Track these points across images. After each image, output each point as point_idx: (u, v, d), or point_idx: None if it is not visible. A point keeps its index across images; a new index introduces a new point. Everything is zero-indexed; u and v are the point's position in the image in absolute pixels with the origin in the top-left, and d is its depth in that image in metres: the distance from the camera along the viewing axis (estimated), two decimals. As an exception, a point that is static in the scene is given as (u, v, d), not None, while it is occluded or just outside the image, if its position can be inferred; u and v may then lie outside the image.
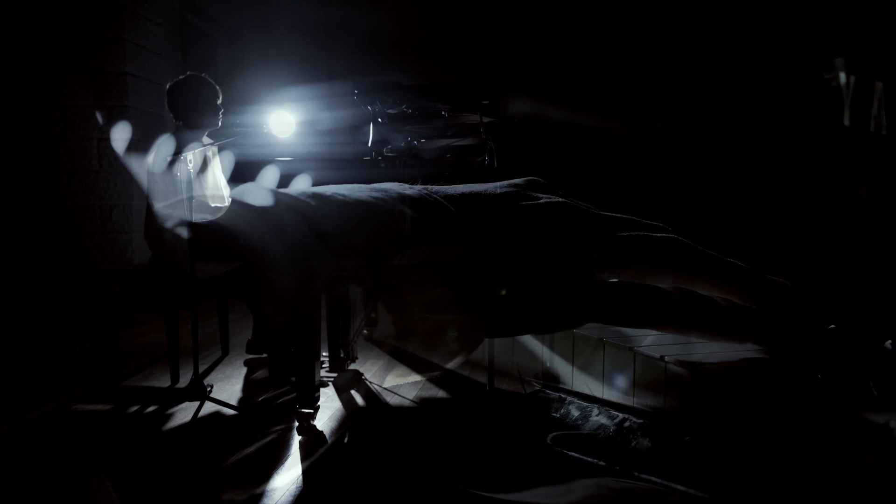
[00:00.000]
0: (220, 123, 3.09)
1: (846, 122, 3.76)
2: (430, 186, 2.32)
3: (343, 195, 2.22)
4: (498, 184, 2.39)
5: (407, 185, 2.37)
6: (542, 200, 2.36)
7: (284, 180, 2.99)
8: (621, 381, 2.67)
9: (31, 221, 4.26)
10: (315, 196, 2.21)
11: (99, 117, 4.19)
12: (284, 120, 3.11)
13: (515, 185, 2.44)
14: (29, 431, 2.45)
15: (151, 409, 2.69)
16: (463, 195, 2.31)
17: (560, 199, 2.42)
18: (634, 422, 2.38)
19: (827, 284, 2.76)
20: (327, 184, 2.44)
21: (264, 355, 3.31)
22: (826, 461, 1.96)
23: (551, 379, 2.90)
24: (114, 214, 4.31)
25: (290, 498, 1.92)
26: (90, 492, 1.97)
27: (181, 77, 3.06)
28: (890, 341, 2.37)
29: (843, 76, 3.82)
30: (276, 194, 2.23)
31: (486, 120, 2.44)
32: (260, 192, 2.27)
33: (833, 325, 2.56)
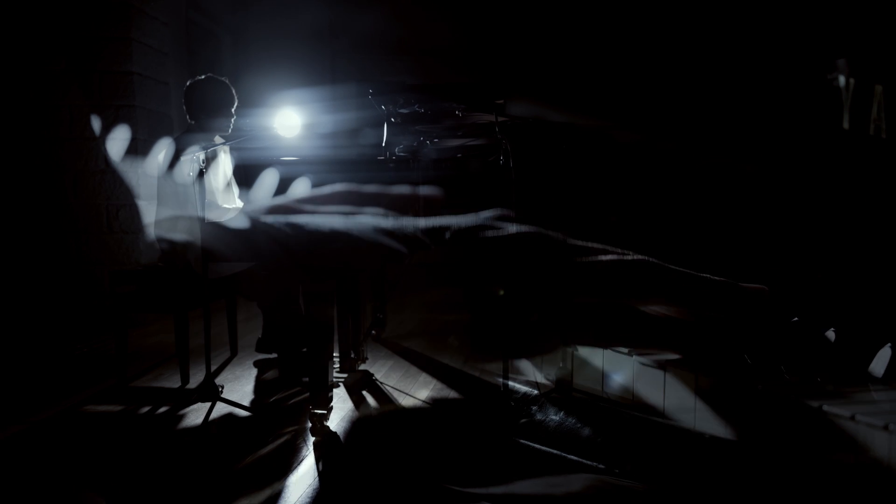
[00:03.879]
0: (231, 129, 3.08)
1: (845, 125, 3.75)
2: (403, 219, 2.40)
3: (317, 224, 2.32)
4: (465, 216, 2.45)
5: (382, 219, 2.44)
6: (510, 230, 2.44)
7: (291, 182, 2.98)
8: (620, 382, 2.69)
9: (38, 221, 4.25)
10: (290, 225, 2.33)
11: (96, 127, 4.18)
12: (292, 120, 3.10)
13: (484, 218, 2.50)
14: (40, 433, 2.44)
15: (163, 409, 2.68)
16: (433, 228, 2.39)
17: (527, 229, 2.48)
18: (633, 423, 2.41)
19: (827, 286, 2.78)
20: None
21: (274, 355, 3.30)
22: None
23: (569, 383, 2.89)
24: (120, 214, 4.29)
25: (307, 500, 1.91)
26: None
27: (200, 78, 3.05)
28: (889, 343, 2.38)
29: (842, 79, 3.81)
30: (254, 222, 2.35)
31: (500, 119, 2.43)
32: (240, 218, 2.38)
33: (832, 328, 2.57)
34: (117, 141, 4.25)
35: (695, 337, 2.63)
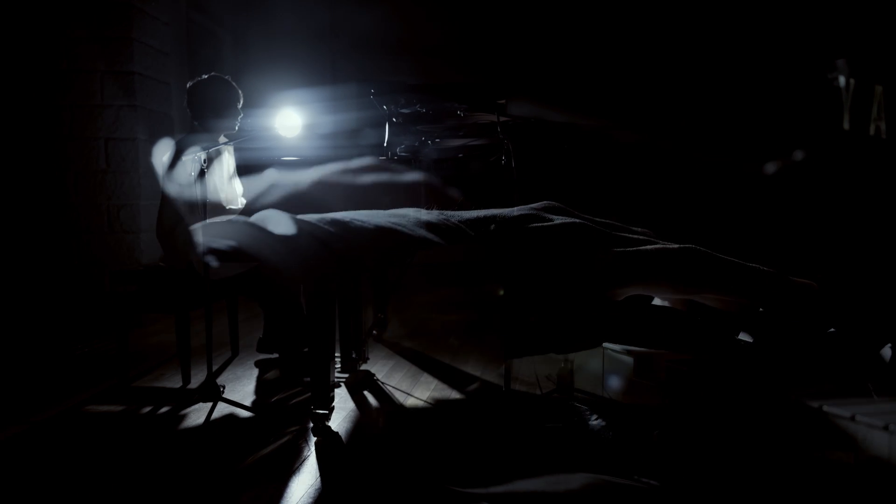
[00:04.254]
0: (236, 127, 3.07)
1: (846, 125, 3.76)
2: (446, 211, 2.32)
3: (361, 221, 2.22)
4: (516, 208, 2.39)
5: (424, 211, 2.37)
6: (556, 221, 2.37)
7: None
8: (619, 382, 2.69)
9: (39, 221, 4.25)
10: (334, 223, 2.21)
11: (97, 127, 4.17)
12: (293, 120, 3.10)
13: (532, 208, 2.44)
14: (41, 433, 2.44)
15: (164, 409, 2.68)
16: (479, 218, 2.31)
17: (574, 220, 2.41)
18: (633, 424, 2.41)
19: (828, 288, 2.77)
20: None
21: (275, 355, 3.30)
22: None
23: (570, 382, 2.89)
24: (121, 214, 4.30)
25: (309, 500, 1.91)
26: None
27: (204, 77, 3.04)
28: (889, 346, 2.37)
29: (842, 79, 3.82)
30: (297, 223, 2.23)
31: (502, 119, 2.43)
32: (281, 219, 2.27)
33: (832, 329, 2.56)
34: (118, 141, 4.25)
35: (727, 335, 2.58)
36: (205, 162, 2.54)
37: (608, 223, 2.51)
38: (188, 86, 3.04)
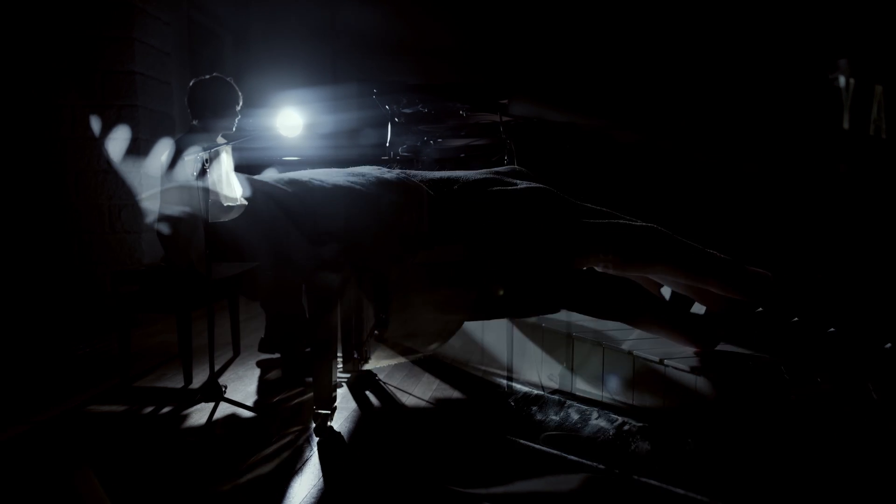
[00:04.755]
0: (234, 128, 3.08)
1: (846, 125, 3.75)
2: (408, 171, 2.31)
3: (320, 180, 2.19)
4: (478, 171, 2.38)
5: (385, 169, 2.35)
6: (519, 186, 2.35)
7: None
8: (620, 383, 2.69)
9: (40, 221, 4.24)
10: (291, 182, 2.18)
11: (98, 127, 4.17)
12: (294, 120, 3.10)
13: (496, 172, 2.43)
14: (43, 433, 2.44)
15: (166, 410, 2.67)
16: (441, 179, 2.29)
17: (537, 185, 2.39)
18: (634, 425, 2.41)
19: (828, 288, 2.77)
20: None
21: (276, 355, 3.30)
22: (826, 463, 1.99)
23: (562, 381, 2.89)
24: (122, 214, 4.29)
25: (312, 500, 1.90)
26: (77, 486, 1.95)
27: (205, 77, 3.04)
28: (889, 344, 2.37)
29: (842, 79, 3.81)
30: (252, 182, 2.20)
31: (504, 119, 2.43)
32: (237, 180, 2.26)
33: (832, 329, 2.56)
34: (119, 141, 4.25)
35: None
36: (206, 161, 2.53)
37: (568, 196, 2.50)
38: (190, 84, 3.04)
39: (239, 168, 3.14)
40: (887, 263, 2.92)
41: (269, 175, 2.30)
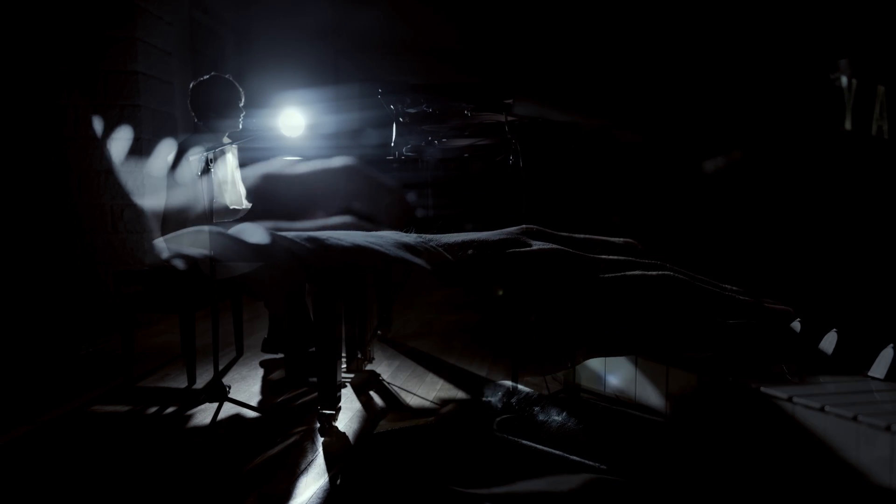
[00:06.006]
0: (239, 127, 3.07)
1: (847, 125, 3.75)
2: (425, 235, 2.33)
3: (338, 239, 2.23)
4: (493, 232, 2.41)
5: (404, 234, 2.39)
6: (534, 247, 2.39)
7: (301, 192, 2.97)
8: (621, 384, 2.70)
9: (42, 221, 4.24)
10: (311, 240, 2.21)
11: (100, 127, 4.17)
12: (297, 120, 3.10)
13: (510, 233, 2.47)
14: (48, 433, 2.44)
15: (170, 410, 2.67)
16: (457, 243, 2.32)
17: (552, 246, 2.44)
18: (634, 425, 2.42)
19: (829, 288, 2.78)
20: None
21: (280, 355, 3.30)
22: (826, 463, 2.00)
23: (572, 380, 2.89)
24: (125, 214, 4.29)
25: (318, 500, 1.90)
26: None
27: (206, 77, 3.04)
28: (890, 344, 2.37)
29: (844, 79, 3.81)
30: (273, 237, 2.23)
31: (509, 119, 2.43)
32: (257, 232, 2.27)
33: (833, 329, 2.57)
34: (122, 141, 4.25)
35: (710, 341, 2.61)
36: (211, 161, 2.53)
37: (588, 240, 2.52)
38: (191, 86, 3.03)
39: (243, 167, 3.14)
40: (888, 264, 2.92)
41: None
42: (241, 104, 3.07)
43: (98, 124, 4.24)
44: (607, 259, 2.44)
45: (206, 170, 2.49)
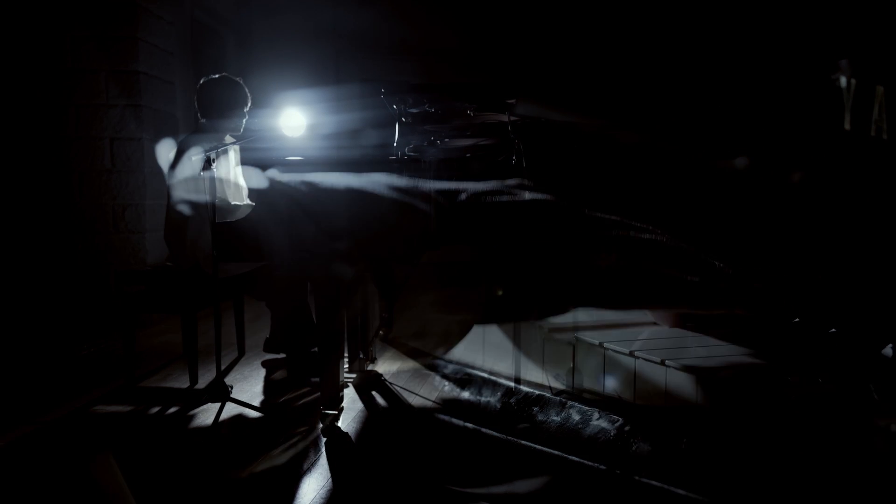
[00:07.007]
0: (242, 128, 3.07)
1: (847, 125, 3.75)
2: (419, 180, 2.37)
3: (331, 182, 2.31)
4: (486, 183, 2.43)
5: (396, 177, 2.41)
6: (526, 196, 2.41)
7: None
8: (621, 384, 2.69)
9: (44, 221, 4.24)
10: (304, 182, 2.32)
11: (102, 127, 4.16)
12: (298, 120, 3.09)
13: (503, 185, 2.47)
14: (50, 433, 2.44)
15: (172, 410, 2.67)
16: (450, 190, 2.35)
17: (543, 196, 2.45)
18: (634, 425, 2.42)
19: (829, 289, 2.78)
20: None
21: (282, 355, 3.30)
22: (830, 464, 1.99)
23: (573, 379, 2.89)
24: (126, 214, 4.29)
25: (321, 500, 1.90)
26: (96, 474, 1.96)
27: (215, 76, 3.04)
28: (890, 346, 2.38)
29: (843, 79, 3.81)
30: (269, 179, 2.35)
31: (511, 119, 2.43)
32: (254, 175, 2.38)
33: (833, 329, 2.57)
34: (123, 140, 4.25)
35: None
36: (212, 161, 2.53)
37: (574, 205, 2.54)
38: (200, 83, 3.03)
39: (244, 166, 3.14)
40: (888, 264, 2.92)
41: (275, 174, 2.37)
42: (247, 108, 3.07)
43: (100, 124, 4.24)
44: (599, 216, 2.48)
45: (208, 168, 2.49)
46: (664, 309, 2.73)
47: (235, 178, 3.08)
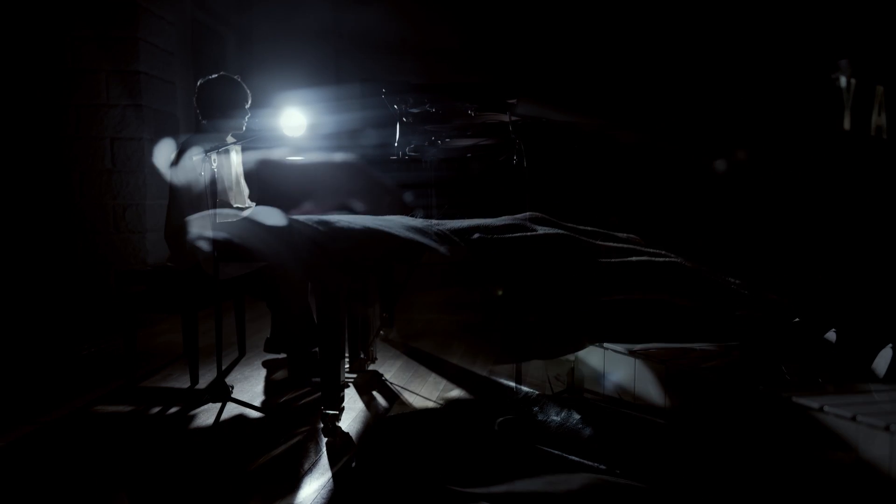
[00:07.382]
0: (244, 128, 3.07)
1: (846, 125, 3.75)
2: (432, 220, 2.36)
3: (348, 222, 2.29)
4: (498, 218, 2.43)
5: (410, 218, 2.42)
6: (539, 232, 2.41)
7: (300, 182, 2.97)
8: (621, 384, 2.70)
9: (44, 221, 4.24)
10: (321, 222, 2.27)
11: (103, 127, 4.16)
12: (299, 120, 3.09)
13: (515, 218, 2.48)
14: (51, 434, 2.44)
15: (173, 410, 2.67)
16: (462, 228, 2.35)
17: (557, 231, 2.45)
18: (634, 426, 2.43)
19: (829, 288, 2.79)
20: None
21: (282, 355, 3.30)
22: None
23: (574, 380, 2.89)
24: (127, 214, 4.29)
25: (322, 500, 1.90)
26: None
27: (214, 76, 3.03)
28: (890, 346, 2.38)
29: (843, 79, 3.81)
30: (288, 218, 2.29)
31: (512, 119, 2.43)
32: (273, 214, 2.31)
33: (833, 329, 2.58)
34: (124, 140, 4.25)
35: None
36: (213, 161, 2.53)
37: (593, 231, 2.54)
38: (199, 83, 3.03)
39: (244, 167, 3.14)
40: (888, 264, 2.92)
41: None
42: (247, 106, 3.07)
43: (100, 124, 4.24)
44: (613, 246, 2.45)
45: (210, 169, 2.49)
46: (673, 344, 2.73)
47: (238, 179, 3.09)
